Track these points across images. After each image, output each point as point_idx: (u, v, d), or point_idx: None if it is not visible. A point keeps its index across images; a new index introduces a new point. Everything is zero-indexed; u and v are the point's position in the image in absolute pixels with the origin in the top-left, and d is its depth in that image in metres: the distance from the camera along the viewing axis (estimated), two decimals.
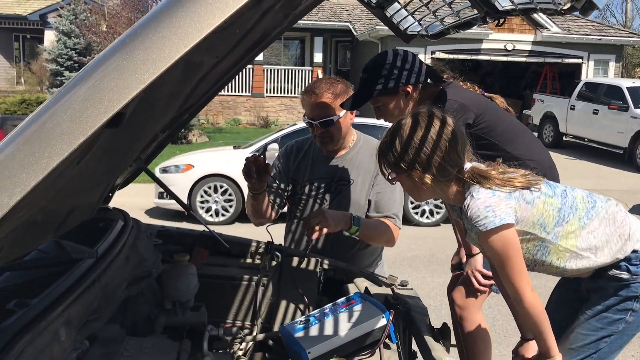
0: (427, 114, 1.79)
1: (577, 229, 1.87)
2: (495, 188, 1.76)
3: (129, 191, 2.67)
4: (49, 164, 0.68)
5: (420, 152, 1.74)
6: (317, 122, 2.52)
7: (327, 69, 22.93)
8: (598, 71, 20.62)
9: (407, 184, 1.85)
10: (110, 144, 1.11)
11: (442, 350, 1.64)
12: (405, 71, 2.34)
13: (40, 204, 0.95)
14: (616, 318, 1.97)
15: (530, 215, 1.81)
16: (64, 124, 0.70)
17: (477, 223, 1.72)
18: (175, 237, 2.50)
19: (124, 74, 0.70)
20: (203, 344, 1.73)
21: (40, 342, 1.22)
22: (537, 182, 1.84)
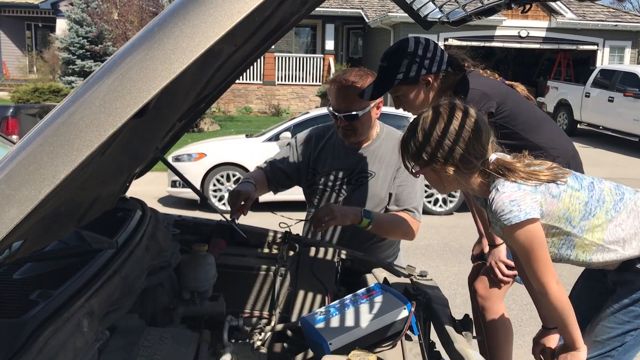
0: (449, 106, 1.76)
1: (604, 222, 1.84)
2: (521, 181, 1.73)
3: (142, 180, 2.67)
4: (78, 157, 0.67)
5: (444, 145, 1.72)
6: (342, 114, 2.48)
7: (338, 57, 22.82)
8: (614, 58, 20.36)
9: (431, 177, 1.83)
10: (133, 135, 1.09)
11: (464, 342, 1.62)
12: (427, 60, 2.29)
13: (66, 195, 0.94)
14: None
15: (556, 210, 1.78)
16: (93, 116, 0.68)
17: (502, 217, 1.69)
18: (192, 227, 2.50)
19: (154, 63, 0.69)
20: (223, 335, 1.72)
21: (63, 334, 1.21)
22: (564, 175, 1.80)
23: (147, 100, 0.69)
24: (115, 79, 0.70)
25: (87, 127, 0.68)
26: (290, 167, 2.71)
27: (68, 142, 0.67)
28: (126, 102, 0.69)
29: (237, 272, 2.24)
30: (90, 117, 0.68)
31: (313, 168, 2.67)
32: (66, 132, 0.68)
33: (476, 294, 2.55)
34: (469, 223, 2.91)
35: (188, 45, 0.69)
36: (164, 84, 0.70)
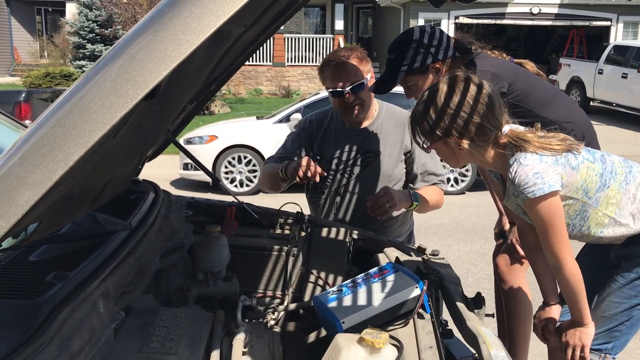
0: (459, 79, 1.75)
1: (617, 194, 1.85)
2: (541, 153, 1.73)
3: (154, 162, 2.68)
4: (91, 138, 0.67)
5: (457, 117, 1.71)
6: (349, 88, 2.46)
7: (348, 37, 22.66)
8: (627, 34, 20.05)
9: (444, 151, 1.82)
10: (145, 117, 1.10)
11: (476, 320, 1.63)
12: (433, 47, 2.30)
13: (79, 177, 0.95)
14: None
15: (575, 181, 1.79)
16: (105, 97, 0.68)
17: (526, 190, 1.70)
18: (205, 209, 2.51)
19: (164, 44, 0.69)
20: (237, 314, 1.74)
21: (80, 314, 1.23)
22: (577, 146, 1.80)
23: (158, 82, 0.69)
24: (125, 60, 0.70)
25: (98, 109, 0.68)
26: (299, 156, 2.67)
27: (80, 124, 0.68)
28: (137, 83, 0.69)
29: (250, 252, 2.25)
30: (102, 99, 0.68)
31: (318, 154, 2.66)
32: (78, 114, 0.68)
33: (498, 268, 2.57)
34: (481, 202, 2.91)
35: (197, 26, 0.69)
36: (174, 65, 0.70)
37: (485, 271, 5.31)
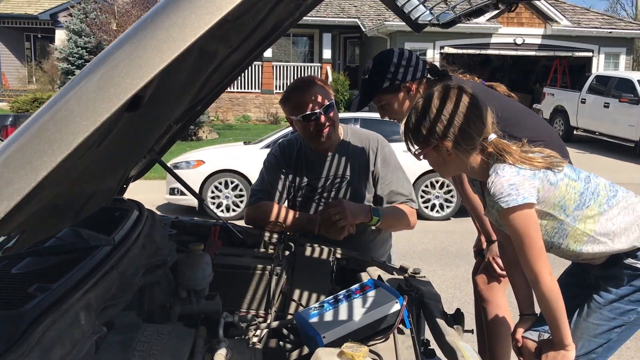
0: (448, 87, 1.83)
1: (596, 215, 1.88)
2: (519, 166, 1.77)
3: (141, 187, 2.70)
4: (74, 141, 0.70)
5: (444, 121, 1.78)
6: (321, 109, 2.47)
7: (335, 65, 22.92)
8: (609, 64, 20.49)
9: (433, 158, 1.88)
10: (129, 129, 1.12)
11: (455, 335, 1.65)
12: (402, 68, 2.39)
13: (63, 186, 0.97)
14: (628, 309, 1.96)
15: (552, 197, 1.83)
16: (88, 102, 0.71)
17: (500, 200, 1.74)
18: (189, 228, 2.52)
19: (146, 52, 0.72)
20: (219, 330, 1.75)
21: (61, 325, 1.24)
22: (560, 164, 1.85)
23: (141, 86, 0.72)
24: (110, 67, 0.73)
25: (82, 112, 0.71)
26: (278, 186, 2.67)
27: (64, 127, 0.70)
28: (120, 88, 0.72)
29: (233, 271, 2.26)
30: (85, 103, 0.71)
31: (291, 181, 2.66)
32: (62, 117, 0.71)
33: (477, 286, 2.60)
34: (466, 228, 2.95)
35: (179, 35, 0.72)
36: (157, 71, 0.73)
37: (470, 295, 5.29)
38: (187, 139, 15.93)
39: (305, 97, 2.47)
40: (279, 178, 2.65)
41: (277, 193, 2.64)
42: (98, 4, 20.62)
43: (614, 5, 43.78)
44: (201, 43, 1.34)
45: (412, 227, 2.67)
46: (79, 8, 20.52)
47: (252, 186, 2.77)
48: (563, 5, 21.30)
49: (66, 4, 23.23)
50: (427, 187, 8.84)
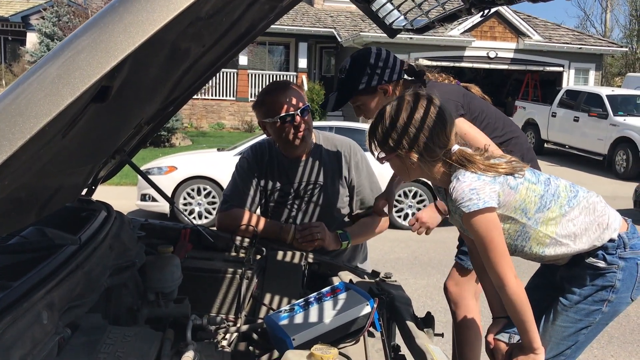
0: (416, 96, 1.83)
1: (557, 216, 1.91)
2: (480, 173, 1.78)
3: (111, 193, 2.66)
4: (36, 125, 0.68)
5: (409, 132, 1.78)
6: (298, 111, 2.43)
7: (311, 75, 22.99)
8: (579, 79, 20.94)
9: (396, 164, 1.88)
10: (96, 123, 1.10)
11: (425, 338, 1.65)
12: (380, 69, 2.40)
13: (26, 176, 0.94)
14: (593, 309, 1.99)
15: (513, 200, 1.84)
16: (52, 85, 0.69)
17: (461, 205, 1.75)
18: (158, 231, 2.48)
19: (114, 36, 0.70)
20: (187, 333, 1.71)
21: (21, 324, 1.20)
22: (521, 169, 1.87)
23: (106, 71, 0.70)
24: (75, 51, 0.71)
25: (45, 96, 0.69)
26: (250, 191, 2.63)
27: (27, 110, 0.68)
28: (85, 72, 0.70)
29: (203, 275, 2.23)
30: (49, 87, 0.69)
31: (263, 186, 2.63)
32: (25, 100, 0.68)
33: (447, 291, 2.61)
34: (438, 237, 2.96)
35: (147, 19, 0.71)
36: (123, 56, 0.71)
37: (442, 304, 5.34)
38: (160, 145, 15.78)
39: (280, 99, 2.44)
40: (251, 183, 2.61)
41: (249, 198, 2.61)
42: (71, 7, 20.36)
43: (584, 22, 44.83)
44: (173, 38, 1.33)
45: (384, 230, 2.70)
46: (51, 11, 20.23)
47: (224, 191, 2.72)
48: (535, 20, 21.73)
49: (38, 7, 22.91)
50: (400, 197, 8.88)
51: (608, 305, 1.98)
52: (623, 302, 2.01)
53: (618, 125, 14.29)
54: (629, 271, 1.97)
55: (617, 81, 29.11)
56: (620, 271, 1.96)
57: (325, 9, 23.60)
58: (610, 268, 1.96)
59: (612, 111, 14.61)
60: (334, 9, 23.55)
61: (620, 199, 10.24)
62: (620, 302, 2.00)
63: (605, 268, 1.96)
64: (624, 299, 2.00)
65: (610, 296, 1.97)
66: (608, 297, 1.97)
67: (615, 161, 14.26)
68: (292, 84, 2.53)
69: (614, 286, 1.96)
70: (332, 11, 23.36)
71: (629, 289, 1.99)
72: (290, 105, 2.43)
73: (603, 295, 1.97)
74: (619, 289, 1.97)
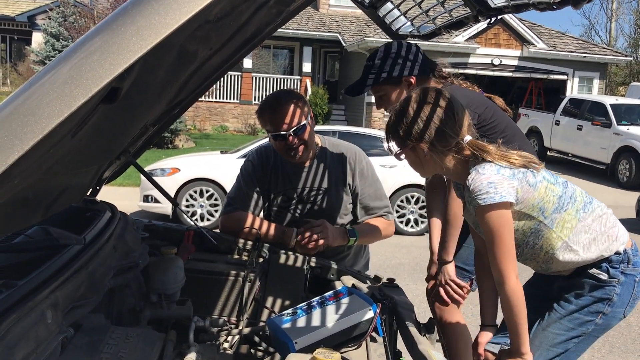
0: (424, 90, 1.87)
1: (573, 220, 1.92)
2: (499, 164, 1.81)
3: (114, 194, 2.67)
4: (48, 125, 0.68)
5: (422, 125, 1.81)
6: (291, 130, 2.42)
7: (315, 79, 23.01)
8: (582, 88, 20.93)
9: (412, 158, 1.91)
10: (105, 123, 1.11)
11: (427, 344, 1.65)
12: (410, 62, 2.39)
13: (35, 176, 0.95)
14: (587, 319, 2.00)
15: (531, 198, 1.86)
16: (64, 87, 0.70)
17: (478, 197, 1.77)
18: (162, 232, 2.49)
19: (126, 38, 0.70)
20: (189, 335, 1.72)
21: (26, 323, 1.21)
22: (536, 164, 1.89)
23: (118, 73, 0.71)
24: (88, 53, 0.72)
25: (57, 97, 0.69)
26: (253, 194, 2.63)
27: (38, 111, 0.69)
28: (97, 74, 0.70)
29: (206, 277, 2.24)
30: (61, 87, 0.69)
31: (267, 190, 2.62)
32: (36, 101, 0.69)
33: (434, 305, 2.62)
34: None
35: (160, 22, 0.71)
36: (135, 58, 0.71)
37: None
38: (164, 146, 15.80)
39: (276, 116, 2.43)
40: (255, 187, 2.61)
41: (252, 202, 2.61)
42: (77, 7, 20.42)
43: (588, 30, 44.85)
44: (182, 40, 1.33)
45: (390, 236, 2.69)
46: (57, 11, 20.29)
47: (228, 194, 2.72)
48: (540, 28, 21.75)
49: (44, 7, 22.99)
50: (403, 202, 8.88)
51: (602, 317, 1.99)
52: (616, 316, 2.02)
53: (621, 134, 14.28)
54: (627, 287, 1.99)
55: (621, 90, 29.10)
56: (620, 286, 1.97)
57: (331, 14, 23.62)
58: (611, 281, 1.97)
59: (615, 120, 14.60)
60: (339, 14, 23.58)
61: (622, 208, 10.22)
62: (614, 317, 2.02)
63: (606, 281, 1.97)
64: (618, 313, 2.02)
65: (606, 309, 1.98)
66: (604, 310, 1.98)
67: (618, 170, 14.25)
68: (294, 96, 2.50)
69: (611, 299, 1.98)
70: (337, 16, 23.39)
71: (624, 304, 2.00)
72: (285, 123, 2.42)
73: (599, 307, 1.98)
74: (615, 303, 1.99)
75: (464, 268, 2.71)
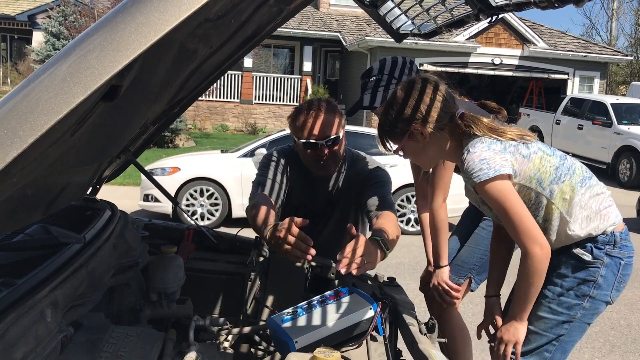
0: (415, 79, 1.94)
1: (571, 192, 1.92)
2: (489, 139, 1.83)
3: (115, 193, 2.67)
4: (47, 122, 0.68)
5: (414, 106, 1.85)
6: (324, 141, 2.31)
7: (315, 78, 23.01)
8: (583, 87, 20.90)
9: (412, 147, 1.93)
10: (104, 121, 1.10)
11: (428, 343, 1.64)
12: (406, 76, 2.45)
13: (34, 174, 0.94)
14: (574, 303, 2.00)
15: (527, 169, 1.87)
16: (63, 84, 0.69)
17: (472, 175, 1.79)
18: (162, 231, 2.49)
19: (125, 35, 0.70)
20: (189, 334, 1.71)
21: (25, 321, 1.20)
22: (529, 136, 1.91)
23: (117, 71, 0.70)
24: (87, 50, 0.71)
25: (56, 94, 0.69)
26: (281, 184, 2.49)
27: (37, 107, 0.68)
28: (96, 71, 0.70)
29: (206, 276, 2.24)
30: (60, 85, 0.69)
31: (287, 196, 2.51)
32: (35, 98, 0.69)
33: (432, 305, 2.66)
34: None
35: (159, 19, 0.71)
36: (134, 56, 0.71)
37: None
38: (164, 145, 15.80)
39: (313, 123, 2.31)
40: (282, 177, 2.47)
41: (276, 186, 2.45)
42: (78, 7, 20.41)
43: (589, 30, 44.84)
44: (182, 38, 1.33)
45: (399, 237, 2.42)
46: (58, 10, 20.27)
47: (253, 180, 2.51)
48: (540, 28, 21.73)
49: (45, 6, 22.96)
50: (403, 202, 8.88)
51: (589, 301, 1.99)
52: (603, 300, 2.02)
53: (622, 133, 14.27)
54: (611, 269, 1.98)
55: (622, 90, 29.09)
56: (604, 267, 1.97)
57: (331, 13, 23.61)
58: (595, 263, 1.97)
59: (616, 120, 14.59)
60: (339, 13, 23.57)
61: (623, 208, 10.18)
62: (601, 300, 2.01)
63: (589, 262, 1.97)
64: (604, 297, 2.01)
65: (592, 292, 1.98)
66: (589, 293, 1.98)
67: (619, 170, 14.23)
68: (333, 106, 2.39)
69: (595, 281, 1.98)
70: (338, 15, 23.38)
71: (609, 287, 2.00)
72: (320, 131, 2.32)
73: (585, 290, 1.98)
74: (601, 285, 1.98)
75: (463, 267, 2.71)
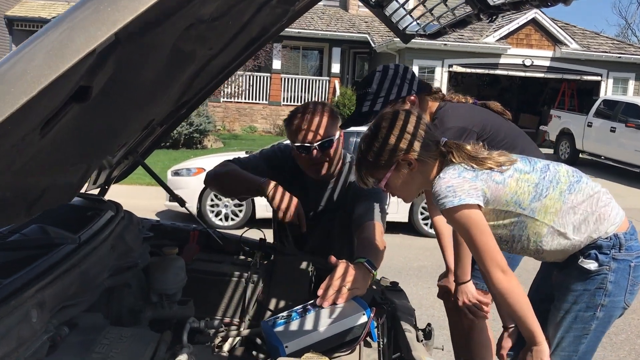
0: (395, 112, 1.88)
1: (556, 203, 1.86)
2: (463, 167, 1.80)
3: (142, 194, 2.69)
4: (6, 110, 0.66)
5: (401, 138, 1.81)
6: (317, 144, 2.30)
7: (344, 80, 22.98)
8: (617, 89, 20.40)
9: (395, 180, 1.87)
10: (82, 122, 1.10)
11: (422, 351, 1.61)
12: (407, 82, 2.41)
13: (4, 176, 0.94)
14: (587, 315, 1.92)
15: (503, 194, 1.83)
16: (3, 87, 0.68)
17: (439, 202, 1.77)
18: (169, 232, 2.50)
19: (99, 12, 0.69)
20: (183, 335, 1.71)
21: (8, 321, 1.21)
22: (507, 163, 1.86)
23: (57, 76, 0.69)
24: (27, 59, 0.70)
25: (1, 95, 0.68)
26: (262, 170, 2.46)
27: None
28: (42, 73, 0.69)
29: (209, 277, 2.23)
30: None
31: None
32: None
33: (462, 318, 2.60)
34: None
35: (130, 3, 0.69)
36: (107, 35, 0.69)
37: None
38: (192, 147, 15.97)
39: (306, 127, 2.31)
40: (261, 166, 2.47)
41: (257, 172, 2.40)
42: None
43: (624, 30, 43.75)
44: (170, 39, 1.32)
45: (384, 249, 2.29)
46: None
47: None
48: (573, 29, 21.30)
49: None
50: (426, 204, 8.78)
51: (602, 309, 1.91)
52: (617, 306, 1.93)
53: None
54: (620, 273, 1.89)
55: None
56: (612, 273, 1.88)
57: (360, 15, 23.56)
58: (602, 270, 1.88)
59: None
60: (368, 15, 23.47)
61: None
62: (614, 307, 1.92)
63: (596, 271, 1.89)
64: (617, 302, 1.92)
65: (603, 300, 1.89)
66: (601, 301, 1.90)
67: None
68: (325, 110, 2.36)
69: (605, 289, 1.89)
70: (367, 17, 23.30)
71: (621, 292, 1.90)
72: (312, 134, 2.30)
73: (596, 299, 1.90)
74: (612, 292, 1.90)
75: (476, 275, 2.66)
